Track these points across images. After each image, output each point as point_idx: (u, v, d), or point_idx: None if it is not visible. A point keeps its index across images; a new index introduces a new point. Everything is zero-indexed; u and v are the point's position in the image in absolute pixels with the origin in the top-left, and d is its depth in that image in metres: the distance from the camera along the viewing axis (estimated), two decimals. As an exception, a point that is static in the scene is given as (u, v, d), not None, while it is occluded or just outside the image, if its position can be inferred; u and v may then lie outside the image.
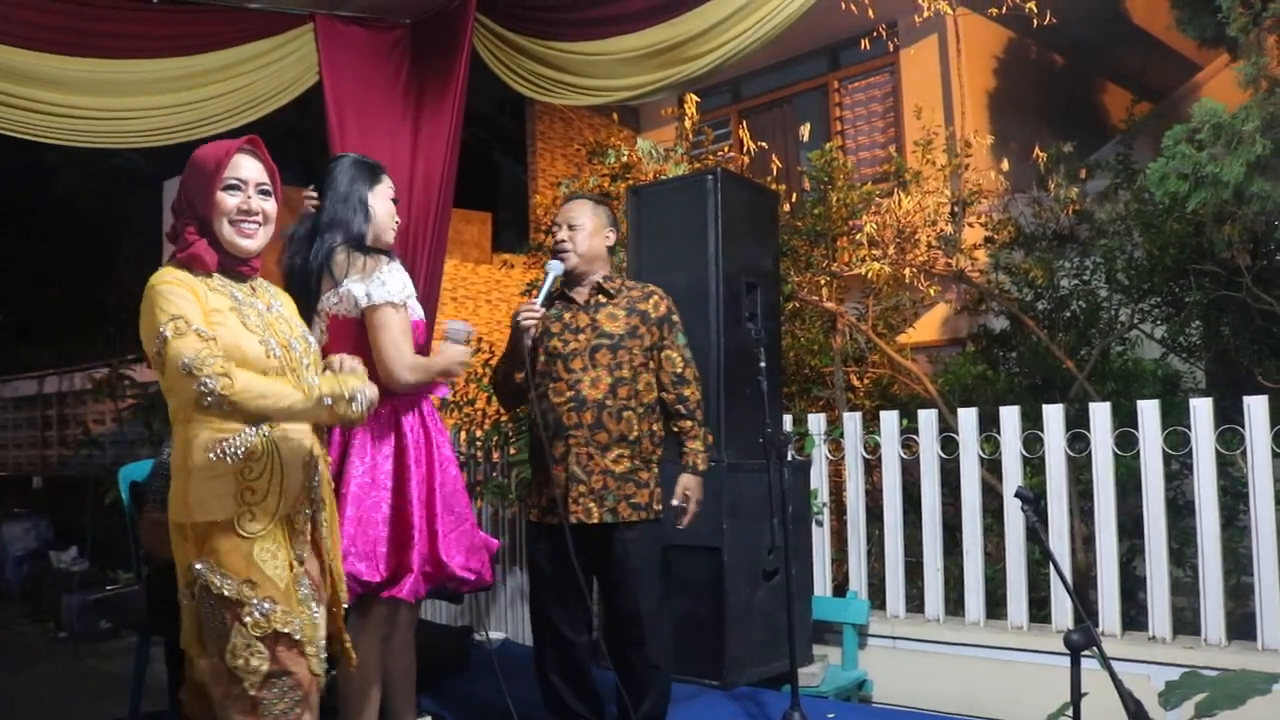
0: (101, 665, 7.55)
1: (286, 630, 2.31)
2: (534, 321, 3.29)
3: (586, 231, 3.46)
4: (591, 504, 3.31)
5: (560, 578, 3.33)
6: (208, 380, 2.22)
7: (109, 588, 6.53)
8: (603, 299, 3.45)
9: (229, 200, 2.42)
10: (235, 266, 2.48)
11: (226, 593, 2.27)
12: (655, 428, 3.43)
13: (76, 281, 13.37)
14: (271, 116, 4.96)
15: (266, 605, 2.29)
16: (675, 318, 3.51)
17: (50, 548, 10.53)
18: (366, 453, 2.98)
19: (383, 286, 2.95)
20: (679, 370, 3.45)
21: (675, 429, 3.47)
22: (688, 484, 3.42)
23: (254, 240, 2.47)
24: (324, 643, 2.44)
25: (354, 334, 2.94)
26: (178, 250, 2.42)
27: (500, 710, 3.89)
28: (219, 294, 2.40)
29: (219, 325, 2.33)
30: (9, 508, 11.60)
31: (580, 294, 3.46)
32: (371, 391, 2.44)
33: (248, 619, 2.28)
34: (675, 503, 3.42)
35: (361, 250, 3.03)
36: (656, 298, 3.50)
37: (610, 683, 3.48)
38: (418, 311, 3.07)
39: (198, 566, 2.30)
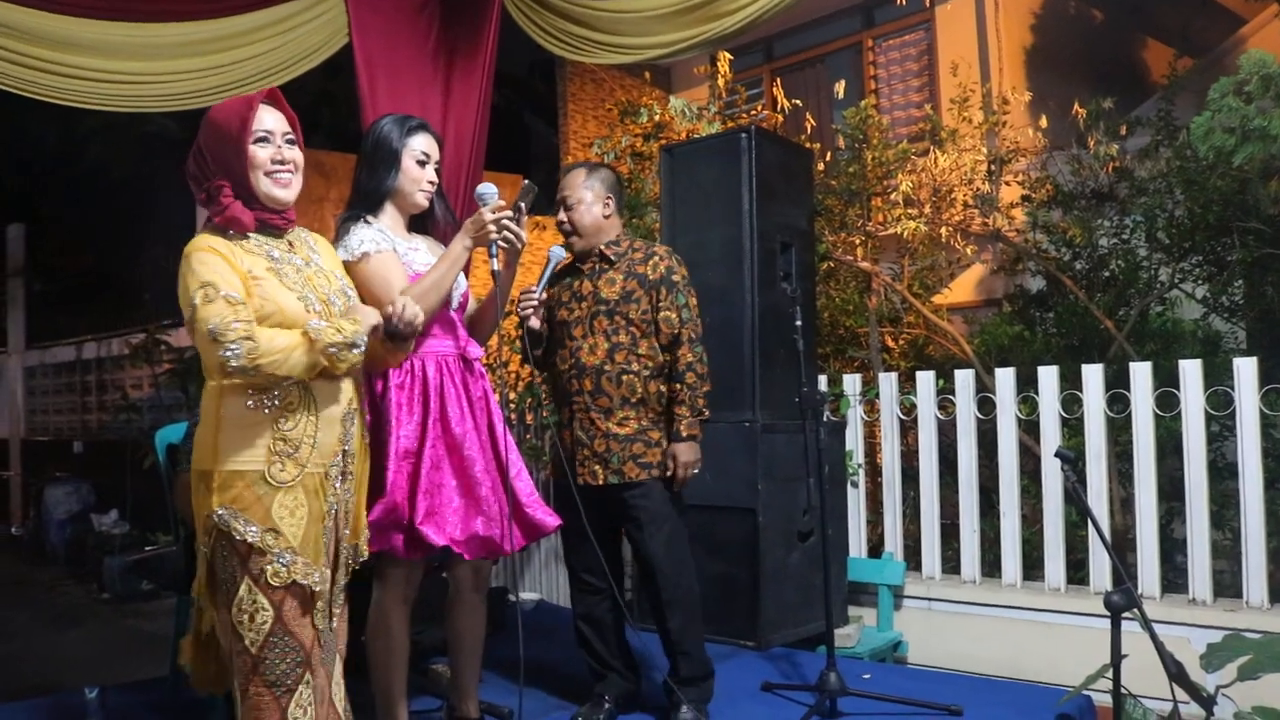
0: (142, 625, 7.68)
1: (305, 582, 2.32)
2: (531, 311, 3.32)
3: (585, 205, 3.46)
4: (597, 466, 3.39)
5: (580, 532, 3.37)
6: (232, 346, 2.23)
7: (148, 549, 6.64)
8: (603, 266, 3.47)
9: (261, 153, 2.43)
10: (272, 220, 2.48)
11: (250, 539, 2.28)
12: (665, 388, 3.44)
13: (112, 248, 13.47)
14: (302, 80, 4.93)
15: (288, 556, 2.31)
16: (676, 278, 3.44)
17: (91, 511, 10.72)
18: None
19: (345, 249, 2.91)
20: (674, 331, 3.41)
21: (663, 394, 3.44)
22: (673, 449, 3.38)
23: (289, 190, 2.48)
24: (329, 599, 2.45)
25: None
26: (213, 213, 2.42)
27: (537, 669, 3.92)
28: (255, 256, 2.40)
29: (256, 288, 2.34)
30: (51, 472, 11.78)
31: (586, 264, 3.49)
32: (363, 335, 2.39)
33: (268, 568, 2.29)
34: (661, 473, 3.40)
35: (351, 219, 3.00)
36: (657, 259, 3.47)
37: (638, 643, 3.52)
38: (412, 267, 2.98)
39: (219, 513, 2.31)
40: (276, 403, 2.35)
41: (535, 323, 3.38)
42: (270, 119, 2.46)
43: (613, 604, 3.47)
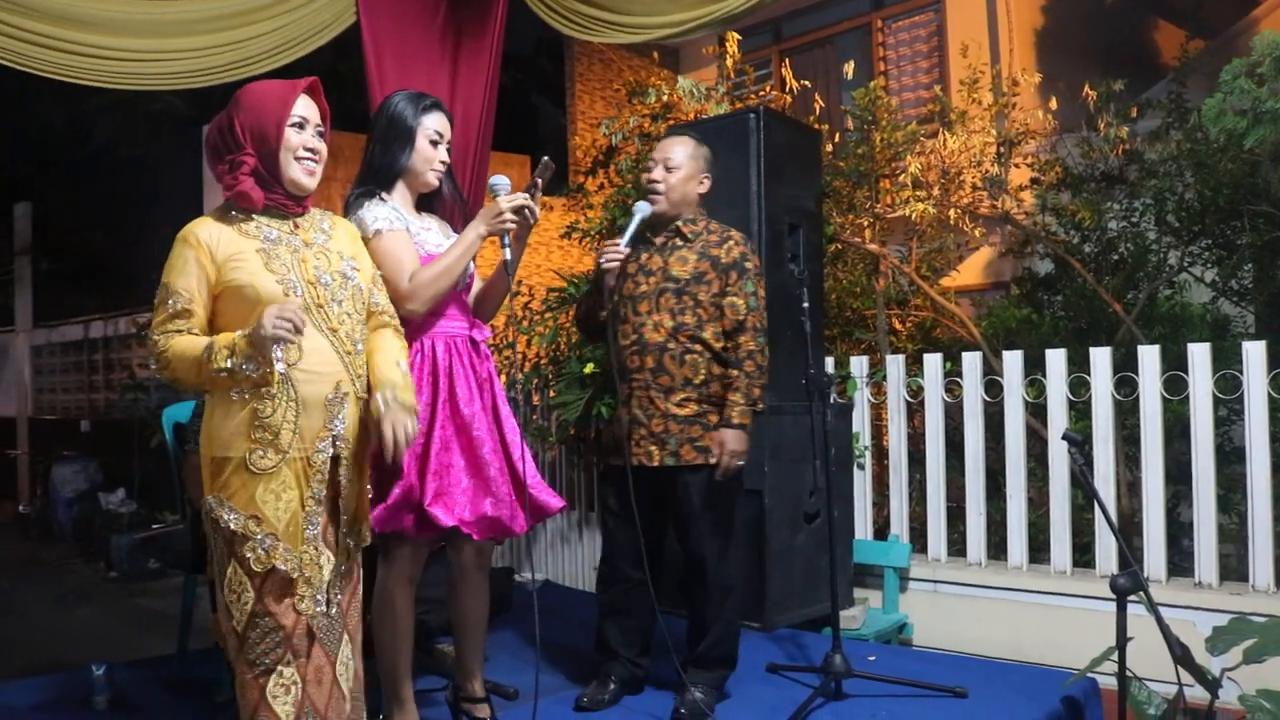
0: (150, 603, 7.71)
1: (284, 567, 2.34)
2: (616, 264, 3.30)
3: (682, 175, 3.43)
4: (653, 447, 3.34)
5: (623, 516, 3.37)
6: (156, 357, 2.40)
7: (155, 528, 6.65)
8: (678, 242, 3.44)
9: (294, 137, 2.46)
10: (284, 203, 2.49)
11: (233, 526, 2.34)
12: (723, 373, 3.41)
13: (119, 227, 13.46)
14: (310, 59, 4.92)
15: (269, 541, 2.34)
16: (748, 264, 3.43)
17: (99, 489, 10.74)
18: None
19: (357, 225, 2.89)
20: (739, 318, 3.38)
21: (725, 379, 3.40)
22: (721, 436, 3.34)
23: (313, 178, 2.51)
24: (325, 583, 2.44)
25: None
26: (226, 185, 2.45)
27: (542, 649, 3.93)
28: (248, 237, 2.43)
29: (236, 269, 2.39)
30: (58, 451, 11.81)
31: (659, 237, 3.45)
32: (242, 365, 2.31)
33: (249, 554, 2.33)
34: (711, 459, 3.36)
35: (365, 195, 2.99)
36: (732, 243, 3.45)
37: (677, 632, 3.52)
38: (424, 247, 2.98)
39: (209, 499, 2.38)
40: (253, 389, 2.36)
41: (612, 280, 3.35)
42: (307, 106, 2.50)
43: (644, 593, 3.41)
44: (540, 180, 3.02)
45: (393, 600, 3.00)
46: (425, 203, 3.16)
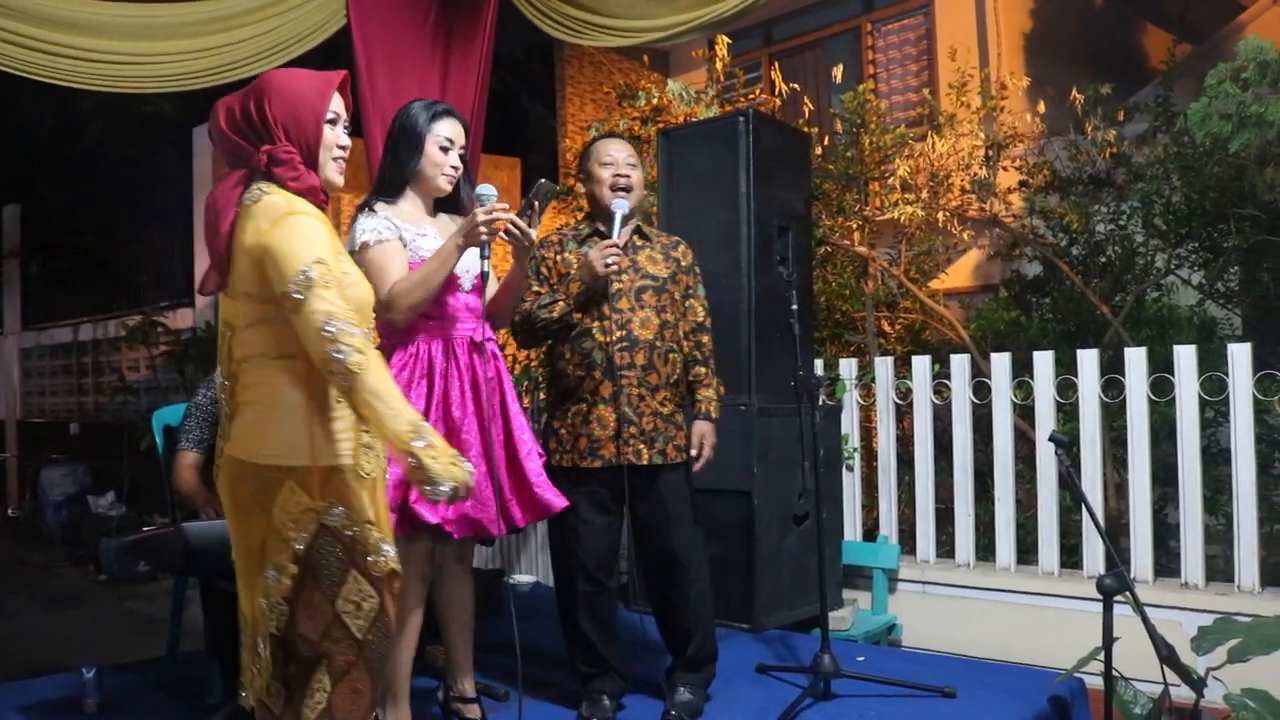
0: (139, 606, 7.70)
1: (398, 568, 2.27)
2: (617, 262, 3.22)
3: (640, 174, 3.46)
4: (642, 446, 3.28)
5: (597, 522, 3.33)
6: (343, 353, 2.04)
7: (145, 530, 6.64)
8: (639, 242, 3.44)
9: (329, 134, 2.29)
10: (323, 204, 2.31)
11: (353, 531, 2.19)
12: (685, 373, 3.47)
13: (109, 229, 13.44)
14: (297, 62, 4.92)
15: (386, 546, 2.24)
16: (698, 268, 3.56)
17: (88, 493, 10.72)
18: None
19: (352, 236, 2.93)
20: (700, 319, 3.50)
21: (691, 376, 3.47)
22: (703, 430, 3.43)
23: (342, 178, 2.35)
24: None
25: None
26: (287, 179, 2.21)
27: (532, 651, 3.93)
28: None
29: (347, 265, 2.24)
30: (48, 454, 11.79)
31: (620, 236, 3.41)
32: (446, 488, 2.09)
33: (370, 559, 2.21)
34: (693, 452, 3.41)
35: (360, 208, 3.01)
36: (684, 247, 3.54)
37: (633, 626, 3.49)
38: (419, 253, 2.98)
39: (324, 506, 2.17)
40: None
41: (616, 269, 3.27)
42: (338, 101, 2.32)
43: (613, 600, 3.41)
44: (536, 202, 2.98)
45: (403, 596, 3.00)
46: (446, 207, 3.16)
